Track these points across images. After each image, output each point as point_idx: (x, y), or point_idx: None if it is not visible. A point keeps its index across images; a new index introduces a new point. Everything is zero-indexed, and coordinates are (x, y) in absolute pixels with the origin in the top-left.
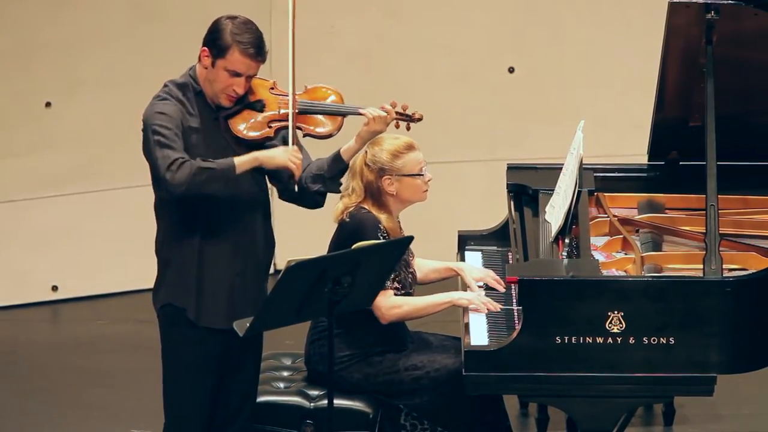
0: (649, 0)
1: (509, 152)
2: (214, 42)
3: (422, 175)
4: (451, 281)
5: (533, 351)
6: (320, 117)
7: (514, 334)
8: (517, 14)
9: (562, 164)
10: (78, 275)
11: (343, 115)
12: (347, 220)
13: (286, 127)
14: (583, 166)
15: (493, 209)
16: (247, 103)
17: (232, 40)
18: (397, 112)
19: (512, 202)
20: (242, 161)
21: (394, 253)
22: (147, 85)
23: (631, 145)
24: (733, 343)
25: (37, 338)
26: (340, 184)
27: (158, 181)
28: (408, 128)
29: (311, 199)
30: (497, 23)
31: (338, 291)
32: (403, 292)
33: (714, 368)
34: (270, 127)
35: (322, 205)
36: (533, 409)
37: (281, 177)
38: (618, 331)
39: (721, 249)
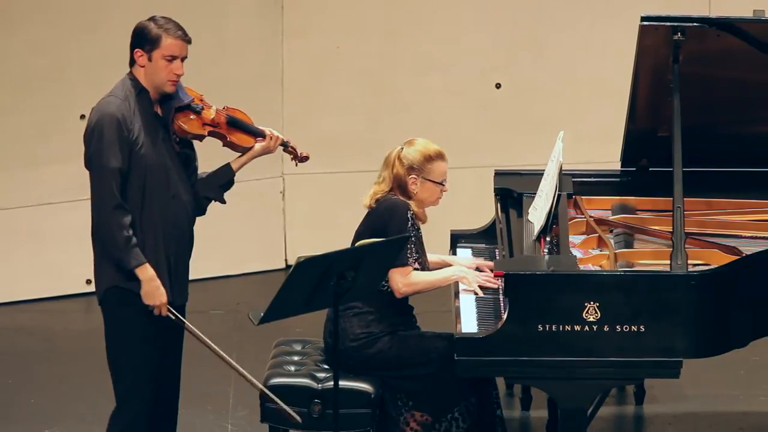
0: (623, 23)
1: (496, 159)
2: (145, 39)
3: (443, 185)
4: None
5: (518, 338)
6: (242, 132)
7: (501, 323)
8: (504, 36)
9: (544, 170)
10: None
11: (255, 135)
12: (380, 200)
13: (218, 133)
14: (563, 171)
15: (482, 211)
16: (190, 104)
17: (159, 30)
18: (291, 146)
19: (499, 205)
20: (146, 273)
21: (393, 251)
22: None
23: (605, 153)
24: (697, 330)
25: (72, 327)
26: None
27: (95, 197)
28: (295, 163)
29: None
30: (486, 44)
31: (343, 284)
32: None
33: (680, 353)
34: (204, 128)
35: (205, 213)
36: (518, 390)
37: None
38: (594, 320)
39: (686, 246)
